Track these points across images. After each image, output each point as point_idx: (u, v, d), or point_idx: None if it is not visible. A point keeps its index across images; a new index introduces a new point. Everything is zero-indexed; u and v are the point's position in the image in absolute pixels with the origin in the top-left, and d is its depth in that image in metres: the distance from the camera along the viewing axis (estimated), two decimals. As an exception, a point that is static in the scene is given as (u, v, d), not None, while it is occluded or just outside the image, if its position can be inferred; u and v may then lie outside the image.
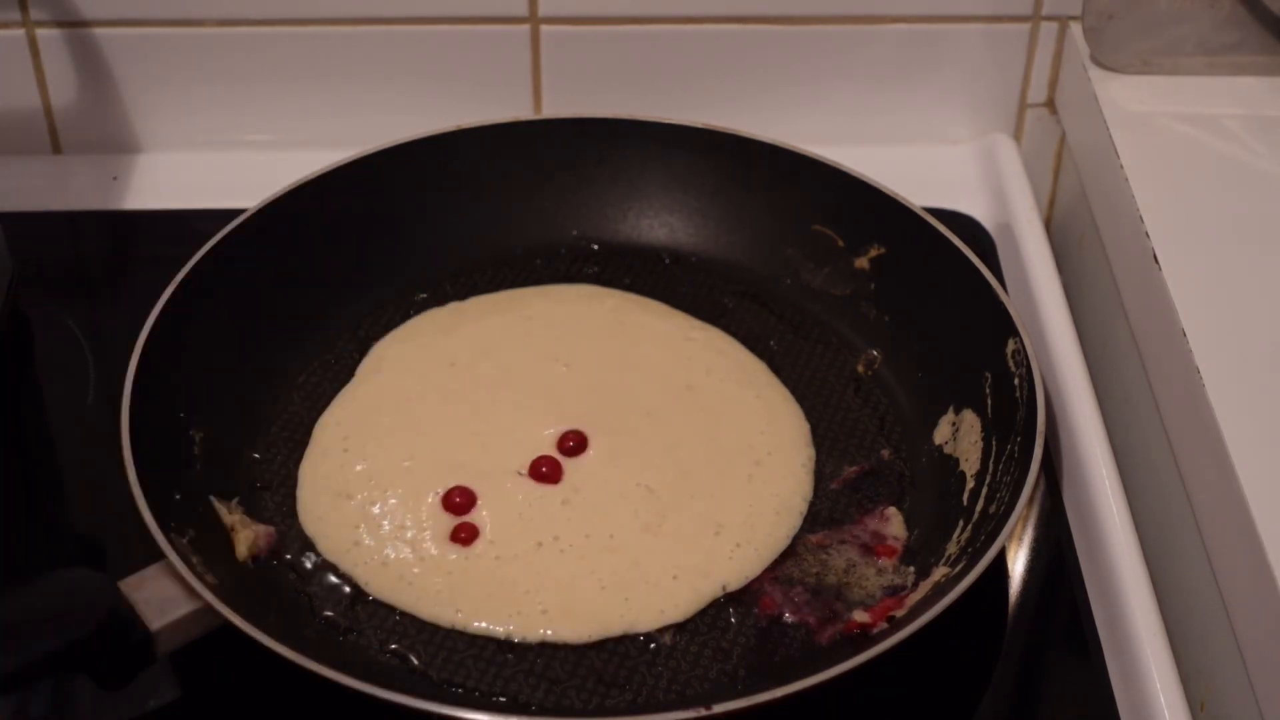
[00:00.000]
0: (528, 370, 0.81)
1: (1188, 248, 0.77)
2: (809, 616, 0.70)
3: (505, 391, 0.79)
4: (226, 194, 0.88)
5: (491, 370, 0.81)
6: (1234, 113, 0.87)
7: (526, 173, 0.89)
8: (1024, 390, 0.74)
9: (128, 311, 0.78)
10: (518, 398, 0.79)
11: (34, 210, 0.92)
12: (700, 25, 0.94)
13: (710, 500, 0.74)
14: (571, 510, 0.74)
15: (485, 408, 0.79)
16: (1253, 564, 0.62)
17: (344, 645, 0.68)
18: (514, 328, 0.84)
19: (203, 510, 0.72)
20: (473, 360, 0.81)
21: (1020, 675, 0.71)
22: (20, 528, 0.77)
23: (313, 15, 0.93)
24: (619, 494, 0.75)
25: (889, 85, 0.96)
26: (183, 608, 0.64)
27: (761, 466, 0.76)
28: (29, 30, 0.92)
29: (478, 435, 0.77)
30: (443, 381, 0.80)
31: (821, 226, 0.86)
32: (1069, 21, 0.93)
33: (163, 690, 0.68)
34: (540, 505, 0.74)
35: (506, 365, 0.81)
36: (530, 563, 0.72)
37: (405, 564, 0.71)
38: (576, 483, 0.75)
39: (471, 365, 0.81)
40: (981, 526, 0.71)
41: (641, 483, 0.75)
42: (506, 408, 0.79)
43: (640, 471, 0.76)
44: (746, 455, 0.77)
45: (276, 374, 0.80)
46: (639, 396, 0.80)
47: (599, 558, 0.72)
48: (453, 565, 0.71)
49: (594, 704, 0.66)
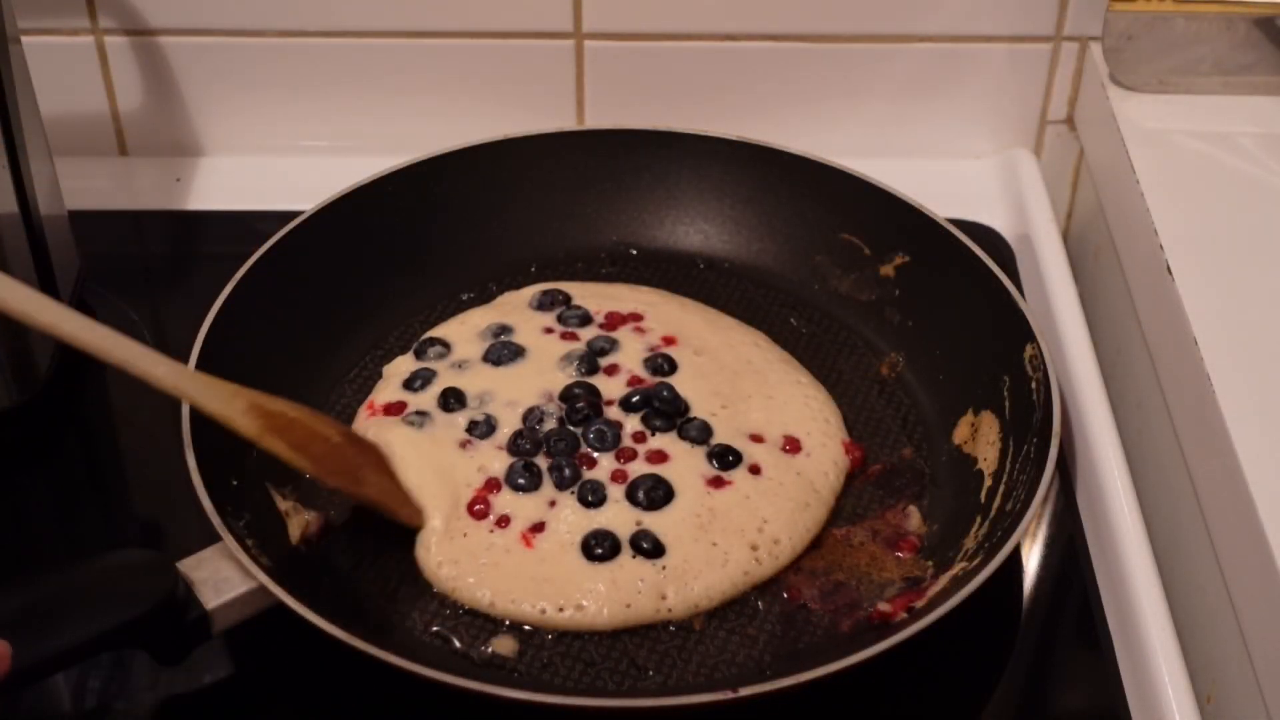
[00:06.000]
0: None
1: (1200, 260, 0.77)
2: (832, 606, 0.70)
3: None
4: (284, 196, 0.89)
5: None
6: (1248, 131, 0.87)
7: (569, 180, 0.89)
8: (1041, 394, 0.75)
9: (189, 306, 0.79)
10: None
11: (101, 209, 0.92)
12: (736, 42, 0.94)
13: (762, 498, 0.74)
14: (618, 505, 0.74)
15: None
16: (1258, 562, 0.63)
17: (389, 626, 0.69)
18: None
19: (258, 496, 0.73)
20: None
21: (1033, 666, 0.71)
22: (86, 510, 0.79)
23: (370, 28, 0.93)
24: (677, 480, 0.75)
25: (915, 101, 0.96)
26: (237, 587, 0.65)
27: (811, 458, 0.77)
28: (98, 38, 0.93)
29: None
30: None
31: (849, 235, 0.87)
32: (1089, 42, 0.92)
33: (217, 666, 0.69)
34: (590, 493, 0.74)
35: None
36: (576, 552, 0.72)
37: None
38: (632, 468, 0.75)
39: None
40: (998, 523, 0.71)
41: (703, 472, 0.75)
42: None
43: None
44: (796, 446, 0.77)
45: (329, 368, 0.81)
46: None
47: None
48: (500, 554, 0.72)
49: (626, 685, 0.67)
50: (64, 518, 0.78)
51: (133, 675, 0.68)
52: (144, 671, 0.68)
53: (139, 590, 0.63)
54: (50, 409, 0.81)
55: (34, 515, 0.78)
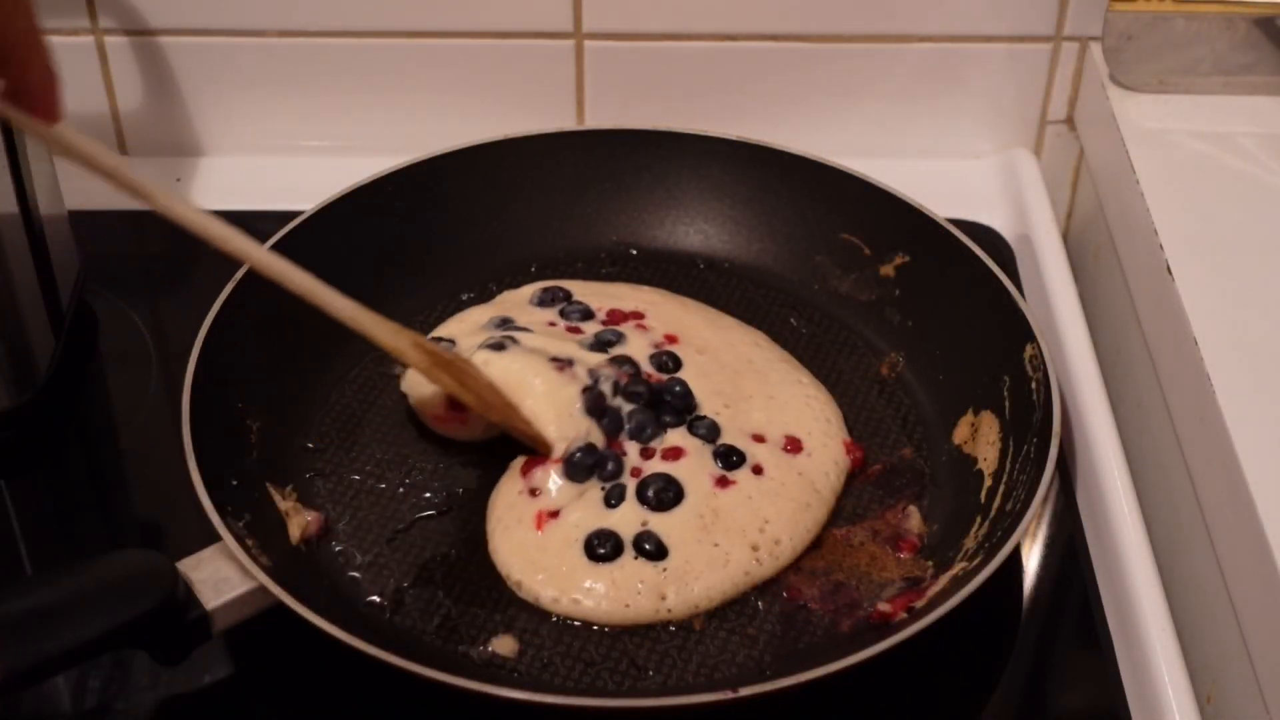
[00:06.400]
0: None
1: (1200, 260, 0.77)
2: (832, 606, 0.70)
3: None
4: (285, 196, 0.89)
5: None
6: (1248, 131, 0.87)
7: (569, 180, 0.89)
8: (1041, 393, 0.75)
9: (189, 306, 0.79)
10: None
11: (101, 209, 0.89)
12: (736, 42, 0.94)
13: (764, 498, 0.74)
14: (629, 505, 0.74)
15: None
16: (1258, 562, 0.63)
17: (389, 626, 0.69)
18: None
19: (258, 496, 0.73)
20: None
21: (1033, 666, 0.71)
22: (86, 510, 0.79)
23: (370, 28, 0.93)
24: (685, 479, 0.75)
25: (916, 101, 0.96)
26: (237, 588, 0.65)
27: (812, 458, 0.77)
28: (98, 38, 0.93)
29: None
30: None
31: (849, 235, 0.87)
32: (1089, 42, 0.93)
33: (217, 666, 0.68)
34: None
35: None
36: (578, 550, 0.72)
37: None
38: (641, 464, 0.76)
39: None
40: (998, 523, 0.71)
41: (711, 472, 0.76)
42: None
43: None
44: (798, 446, 0.77)
45: (330, 368, 0.81)
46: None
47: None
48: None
49: (626, 685, 0.67)
50: (64, 518, 0.78)
51: (133, 675, 0.68)
52: (144, 671, 0.68)
53: (139, 591, 0.63)
54: (50, 409, 0.81)
55: (34, 515, 0.78)
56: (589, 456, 0.75)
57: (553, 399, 0.76)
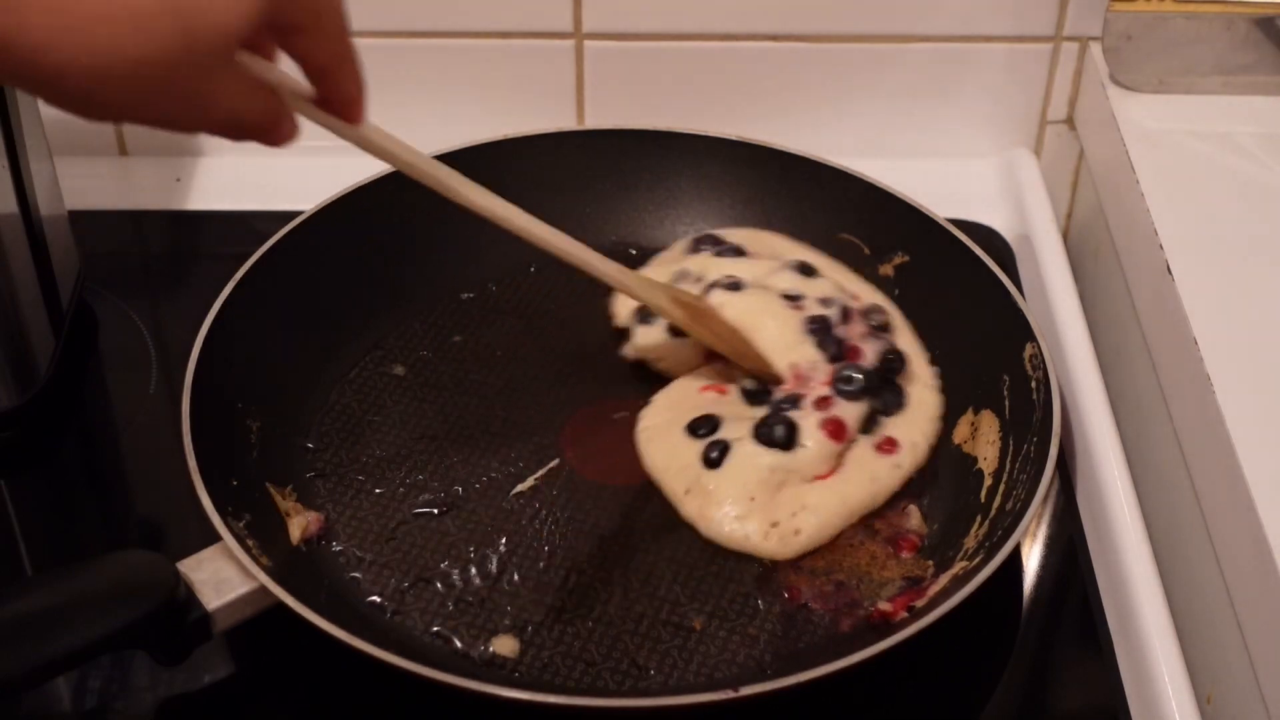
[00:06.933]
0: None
1: (1200, 260, 0.77)
2: (832, 605, 0.70)
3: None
4: (284, 196, 0.89)
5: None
6: (1248, 130, 0.87)
7: (569, 180, 0.89)
8: (1040, 393, 0.75)
9: (189, 306, 0.79)
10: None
11: (101, 209, 0.92)
12: (736, 42, 0.94)
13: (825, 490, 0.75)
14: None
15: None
16: (1258, 562, 0.63)
17: (389, 626, 0.69)
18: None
19: (258, 496, 0.73)
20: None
21: (1033, 665, 0.71)
22: (86, 511, 0.79)
23: (369, 28, 0.91)
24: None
25: (915, 101, 0.96)
26: (238, 588, 0.65)
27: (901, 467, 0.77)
28: None
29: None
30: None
31: (849, 235, 0.87)
32: (1089, 42, 0.93)
33: (217, 667, 0.68)
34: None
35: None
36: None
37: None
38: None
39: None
40: (998, 522, 0.71)
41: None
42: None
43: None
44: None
45: (330, 368, 0.81)
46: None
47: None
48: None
49: (626, 685, 0.67)
50: (64, 518, 0.78)
51: (133, 675, 0.68)
52: (144, 671, 0.68)
53: (140, 591, 0.63)
54: (50, 409, 0.81)
55: (34, 515, 0.78)
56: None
57: (784, 334, 0.79)
